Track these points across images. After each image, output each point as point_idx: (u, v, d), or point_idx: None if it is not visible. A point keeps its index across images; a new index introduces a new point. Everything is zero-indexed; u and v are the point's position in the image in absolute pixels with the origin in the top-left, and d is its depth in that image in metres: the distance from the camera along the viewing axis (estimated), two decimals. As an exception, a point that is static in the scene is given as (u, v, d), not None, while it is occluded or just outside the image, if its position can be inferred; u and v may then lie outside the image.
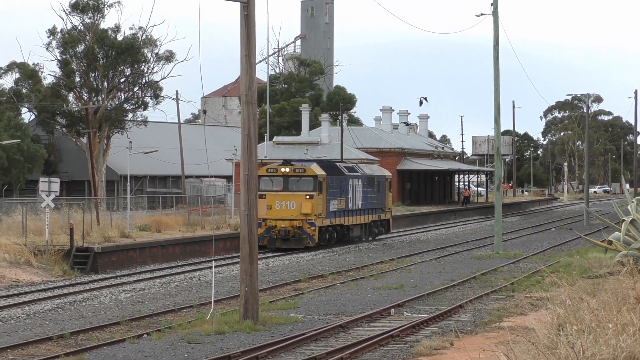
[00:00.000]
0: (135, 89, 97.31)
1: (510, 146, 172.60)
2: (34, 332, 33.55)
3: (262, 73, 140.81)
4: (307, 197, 63.95)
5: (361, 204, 72.82)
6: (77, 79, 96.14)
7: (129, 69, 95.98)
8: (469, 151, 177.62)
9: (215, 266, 43.29)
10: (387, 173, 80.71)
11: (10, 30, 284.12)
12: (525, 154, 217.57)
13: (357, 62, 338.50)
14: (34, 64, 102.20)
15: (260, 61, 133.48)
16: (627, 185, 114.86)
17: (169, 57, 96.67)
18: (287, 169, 65.09)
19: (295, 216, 64.35)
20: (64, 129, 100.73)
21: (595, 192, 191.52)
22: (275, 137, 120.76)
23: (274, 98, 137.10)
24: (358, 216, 72.71)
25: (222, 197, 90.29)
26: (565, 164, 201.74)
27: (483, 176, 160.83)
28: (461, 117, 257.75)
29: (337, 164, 73.77)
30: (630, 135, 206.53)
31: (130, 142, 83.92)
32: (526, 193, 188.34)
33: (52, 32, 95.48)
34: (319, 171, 65.75)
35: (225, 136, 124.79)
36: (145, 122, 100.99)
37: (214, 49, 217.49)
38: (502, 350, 17.06)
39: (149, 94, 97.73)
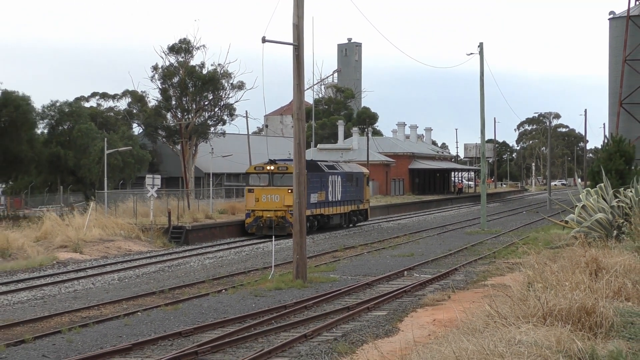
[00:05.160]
0: (216, 109, 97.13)
1: (492, 151, 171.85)
2: (142, 288, 33.73)
3: (309, 97, 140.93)
4: (289, 191, 55.58)
5: (340, 197, 66.14)
6: (173, 102, 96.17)
7: (211, 95, 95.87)
8: (462, 154, 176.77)
9: (274, 240, 43.34)
10: (364, 170, 73.71)
11: (124, 66, 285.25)
12: (503, 156, 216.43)
13: (379, 89, 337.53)
14: (141, 91, 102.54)
15: (307, 89, 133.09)
16: (579, 180, 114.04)
17: (240, 86, 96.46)
18: (272, 167, 58.91)
19: (279, 207, 57.90)
20: (163, 139, 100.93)
21: (555, 185, 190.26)
22: (318, 145, 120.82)
23: (317, 116, 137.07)
24: (337, 207, 65.90)
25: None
26: (533, 164, 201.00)
27: (472, 173, 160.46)
28: (456, 129, 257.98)
29: (319, 162, 66.86)
30: (581, 143, 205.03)
31: (212, 148, 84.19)
32: (504, 186, 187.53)
33: (155, 68, 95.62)
34: None
35: (282, 144, 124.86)
36: (223, 134, 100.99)
37: (273, 78, 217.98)
38: (486, 302, 16.99)
39: (225, 113, 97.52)
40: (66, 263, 43.56)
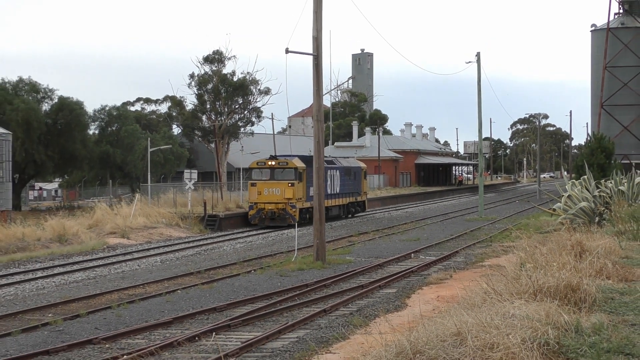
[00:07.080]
0: (245, 112, 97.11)
1: (489, 147, 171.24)
2: (181, 269, 33.81)
3: (327, 101, 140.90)
4: (290, 184, 54.42)
5: (339, 190, 62.58)
6: (208, 106, 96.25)
7: (241, 99, 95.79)
8: (462, 151, 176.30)
9: (297, 227, 43.36)
10: (362, 165, 70.28)
11: (165, 74, 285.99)
12: (498, 152, 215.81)
13: (389, 93, 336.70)
14: (180, 96, 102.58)
15: (325, 93, 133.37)
16: (565, 173, 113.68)
17: (266, 91, 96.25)
18: (273, 162, 55.59)
19: (280, 200, 54.65)
20: (199, 139, 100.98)
21: (544, 177, 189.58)
22: (335, 143, 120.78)
23: (334, 117, 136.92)
24: (336, 199, 62.26)
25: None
26: (524, 159, 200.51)
27: (471, 167, 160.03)
28: (456, 128, 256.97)
29: None
30: (567, 140, 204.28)
31: (242, 146, 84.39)
32: (499, 178, 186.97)
33: (191, 76, 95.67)
34: (299, 164, 55.77)
35: (303, 143, 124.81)
36: (251, 133, 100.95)
37: (295, 84, 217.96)
38: (484, 280, 16.96)
39: (254, 115, 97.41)
40: (115, 247, 43.76)
